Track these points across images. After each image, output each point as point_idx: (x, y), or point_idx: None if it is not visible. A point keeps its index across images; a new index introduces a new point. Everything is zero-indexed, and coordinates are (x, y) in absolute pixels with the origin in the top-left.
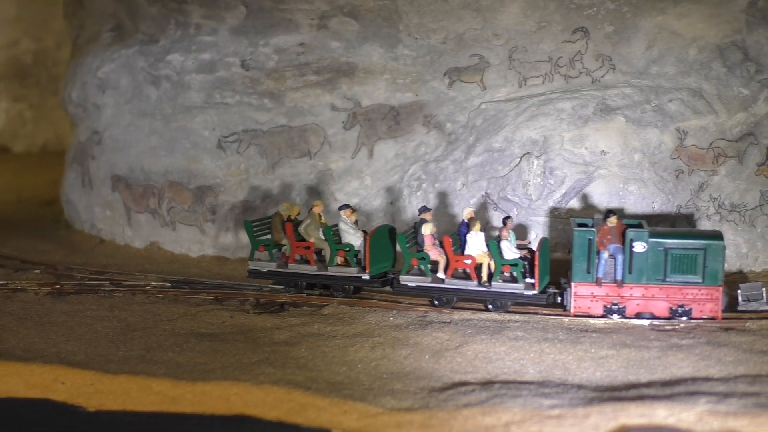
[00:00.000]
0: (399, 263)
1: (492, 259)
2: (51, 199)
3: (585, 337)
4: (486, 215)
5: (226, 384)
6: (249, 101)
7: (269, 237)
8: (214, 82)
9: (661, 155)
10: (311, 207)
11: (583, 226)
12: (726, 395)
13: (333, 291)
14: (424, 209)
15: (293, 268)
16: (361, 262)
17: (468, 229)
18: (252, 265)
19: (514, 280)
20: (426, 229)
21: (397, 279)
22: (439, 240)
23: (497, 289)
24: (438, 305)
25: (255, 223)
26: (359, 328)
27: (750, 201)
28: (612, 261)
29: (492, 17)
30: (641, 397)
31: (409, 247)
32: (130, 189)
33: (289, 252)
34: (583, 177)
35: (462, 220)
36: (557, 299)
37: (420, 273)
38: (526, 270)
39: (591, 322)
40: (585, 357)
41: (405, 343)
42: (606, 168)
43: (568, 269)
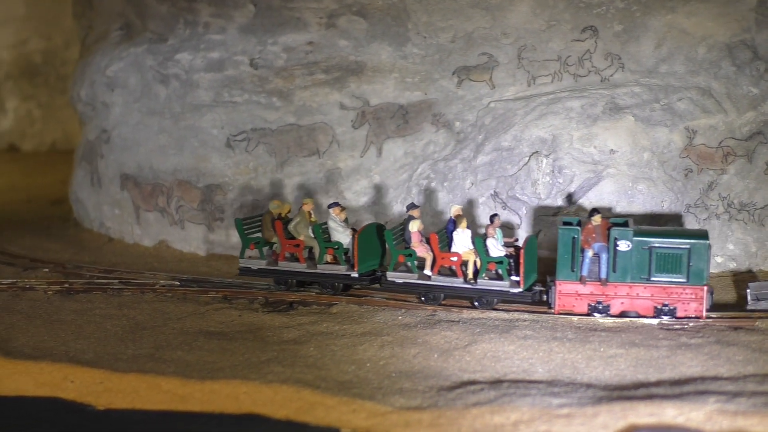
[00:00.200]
0: (389, 261)
1: (478, 257)
2: (60, 198)
3: (594, 336)
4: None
5: (235, 383)
6: (258, 100)
7: (260, 235)
8: (222, 80)
9: (670, 154)
10: (301, 205)
11: (570, 224)
12: (735, 394)
13: (322, 289)
14: (411, 206)
15: (283, 265)
16: (350, 259)
17: (455, 227)
18: (242, 263)
19: (499, 277)
20: (413, 226)
21: (385, 276)
22: (426, 237)
23: (482, 287)
24: (425, 302)
25: (246, 221)
26: (368, 326)
27: (759, 200)
28: (597, 259)
29: (501, 16)
30: (650, 396)
31: (397, 244)
32: (139, 187)
33: (279, 250)
34: (592, 176)
35: (449, 217)
36: (543, 297)
37: (407, 270)
38: (511, 267)
39: (600, 321)
40: (594, 356)
41: (414, 342)
42: (615, 167)
43: None
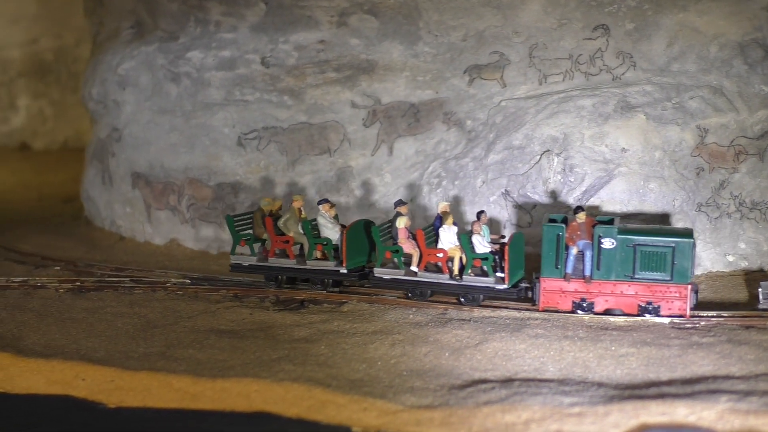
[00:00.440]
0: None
1: (463, 253)
2: (71, 196)
3: (605, 335)
4: (508, 213)
5: (246, 381)
6: (269, 98)
7: (251, 231)
8: (234, 79)
9: (682, 153)
10: (291, 201)
11: (554, 221)
12: (747, 393)
13: (312, 284)
14: (399, 203)
15: (273, 261)
16: (339, 255)
17: (441, 223)
18: (234, 259)
19: (485, 274)
20: (400, 222)
21: (373, 272)
22: (413, 233)
23: (468, 283)
24: (412, 297)
25: (237, 218)
26: (379, 325)
27: None
28: (581, 257)
29: (512, 14)
30: (662, 396)
31: (384, 241)
32: (150, 186)
33: (270, 246)
34: (604, 174)
35: (437, 213)
36: (528, 294)
37: (394, 266)
38: (497, 264)
39: (611, 320)
40: (605, 355)
41: (425, 341)
42: (626, 166)
43: None
